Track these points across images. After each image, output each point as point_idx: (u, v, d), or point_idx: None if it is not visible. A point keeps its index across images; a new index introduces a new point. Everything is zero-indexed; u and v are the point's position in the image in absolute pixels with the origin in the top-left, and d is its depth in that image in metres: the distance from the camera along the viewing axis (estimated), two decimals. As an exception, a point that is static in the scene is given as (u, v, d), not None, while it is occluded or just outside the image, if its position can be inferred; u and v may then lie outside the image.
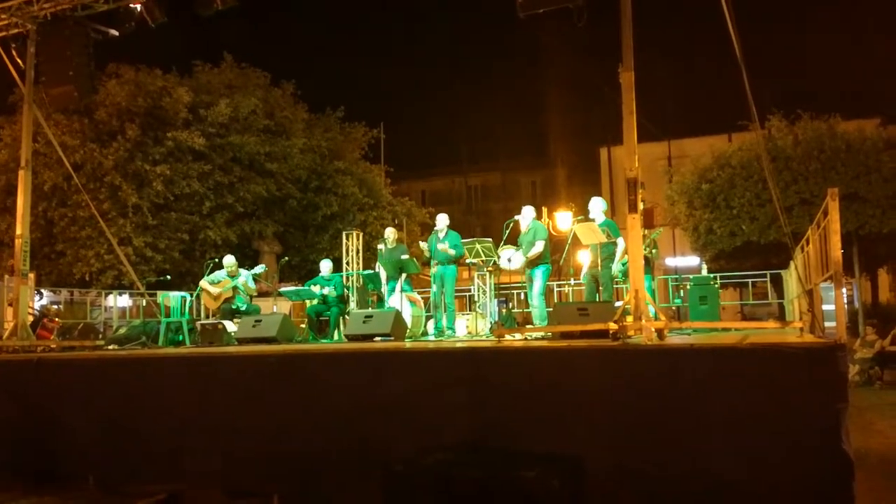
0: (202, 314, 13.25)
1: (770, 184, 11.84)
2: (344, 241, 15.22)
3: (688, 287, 11.43)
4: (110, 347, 10.36)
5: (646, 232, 7.18)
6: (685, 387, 5.00)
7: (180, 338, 10.74)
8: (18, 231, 10.34)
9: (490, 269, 9.96)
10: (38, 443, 7.53)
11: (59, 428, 7.41)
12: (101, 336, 12.37)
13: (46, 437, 7.48)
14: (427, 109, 50.47)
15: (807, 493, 4.59)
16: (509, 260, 9.55)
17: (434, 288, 10.06)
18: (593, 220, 8.83)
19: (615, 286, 9.07)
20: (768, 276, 14.31)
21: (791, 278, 11.93)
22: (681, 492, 4.85)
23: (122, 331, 11.46)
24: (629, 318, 5.94)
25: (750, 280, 14.87)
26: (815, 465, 4.59)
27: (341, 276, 12.19)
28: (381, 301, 11.00)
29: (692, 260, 23.00)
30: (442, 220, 10.03)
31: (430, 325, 10.52)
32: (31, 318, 11.30)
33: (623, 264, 8.67)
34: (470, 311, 12.53)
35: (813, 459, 4.60)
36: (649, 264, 8.55)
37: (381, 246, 10.86)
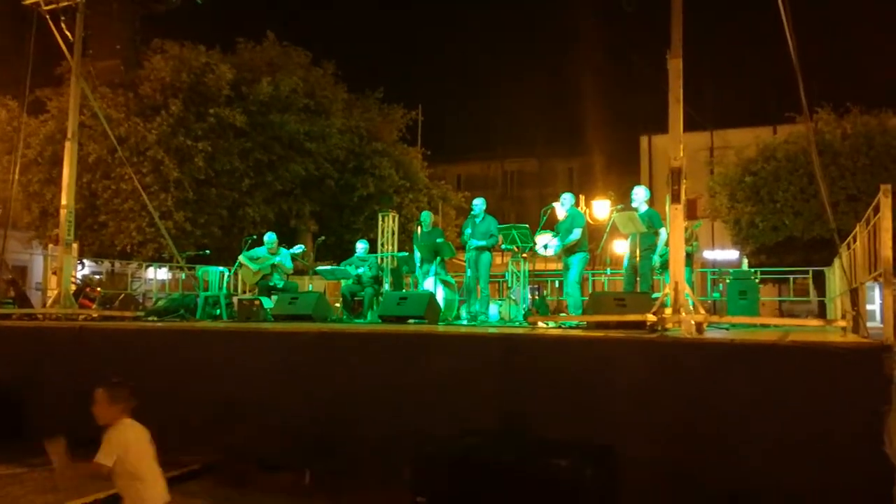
0: (239, 289, 13.43)
1: (818, 178, 11.47)
2: (379, 222, 15.26)
3: (727, 281, 11.23)
4: (150, 319, 10.57)
5: (687, 223, 7.03)
6: (724, 382, 4.92)
7: (218, 312, 10.91)
8: (64, 201, 10.57)
9: (525, 255, 9.87)
10: (77, 409, 7.71)
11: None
12: (140, 307, 12.59)
13: (85, 404, 7.66)
14: (465, 94, 50.24)
15: (846, 496, 4.50)
16: (545, 246, 9.46)
17: (468, 272, 10.04)
18: (635, 210, 8.70)
19: (653, 278, 8.93)
20: (811, 272, 13.96)
21: (834, 276, 11.64)
22: (716, 489, 4.78)
23: (161, 303, 11.68)
24: (667, 310, 5.85)
25: (791, 276, 14.52)
26: (856, 468, 4.49)
27: (377, 258, 12.25)
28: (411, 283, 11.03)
29: (730, 253, 22.58)
30: (479, 205, 9.99)
31: (463, 310, 10.50)
32: (73, 287, 11.55)
33: (661, 256, 8.54)
34: (502, 297, 12.48)
35: (854, 462, 4.50)
36: (689, 257, 8.39)
37: (418, 228, 10.87)
